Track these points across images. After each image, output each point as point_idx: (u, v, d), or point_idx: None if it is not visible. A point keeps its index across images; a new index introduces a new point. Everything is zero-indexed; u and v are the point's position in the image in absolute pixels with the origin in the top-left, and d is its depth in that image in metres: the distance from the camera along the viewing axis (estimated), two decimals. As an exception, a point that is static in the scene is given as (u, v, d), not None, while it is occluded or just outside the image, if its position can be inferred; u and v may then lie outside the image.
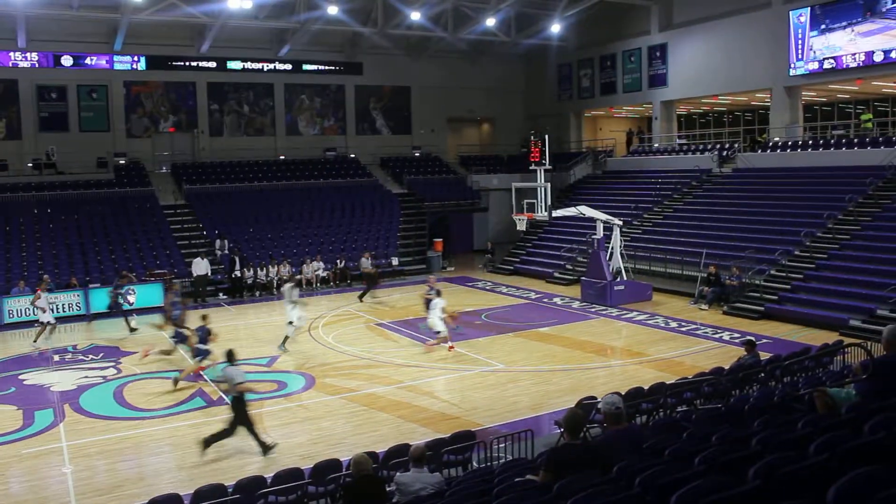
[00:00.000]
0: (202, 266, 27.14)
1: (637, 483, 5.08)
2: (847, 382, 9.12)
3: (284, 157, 37.94)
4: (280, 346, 19.38)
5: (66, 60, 32.90)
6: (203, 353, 16.73)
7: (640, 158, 37.88)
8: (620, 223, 25.80)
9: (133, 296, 25.13)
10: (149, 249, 28.82)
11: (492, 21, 34.60)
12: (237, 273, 27.91)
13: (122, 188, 32.19)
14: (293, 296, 19.92)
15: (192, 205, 32.64)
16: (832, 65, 28.72)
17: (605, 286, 24.44)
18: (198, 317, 17.68)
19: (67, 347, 20.41)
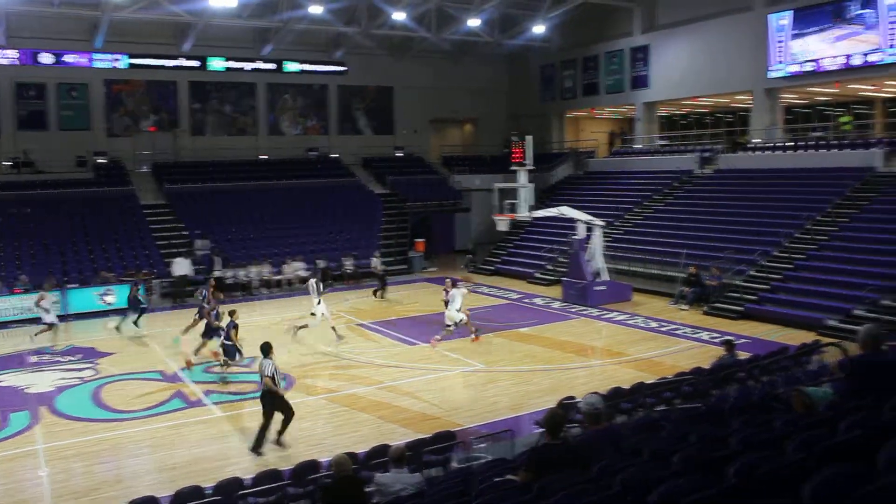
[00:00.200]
0: (183, 266, 26.98)
1: (617, 482, 5.09)
2: (824, 382, 9.22)
3: (267, 157, 37.77)
4: (293, 332, 20.14)
5: (46, 58, 32.44)
6: (230, 350, 16.95)
7: (622, 159, 38.04)
8: (602, 224, 25.88)
9: (112, 296, 24.94)
10: (129, 249, 28.57)
11: (475, 21, 34.62)
12: (217, 273, 27.71)
13: (102, 187, 31.87)
14: (319, 289, 20.54)
15: (173, 204, 32.40)
16: (812, 67, 28.98)
17: (586, 286, 24.52)
18: (226, 312, 17.92)
19: (45, 348, 20.18)
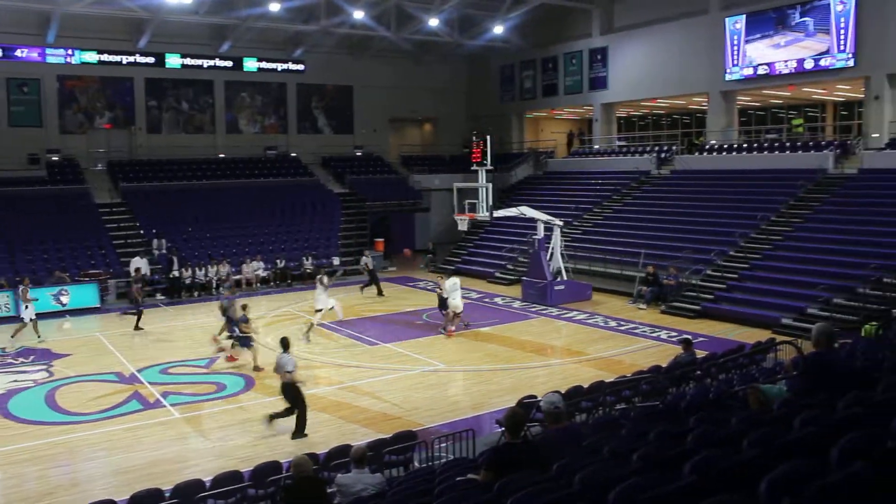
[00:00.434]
0: (140, 266, 26.55)
1: (576, 481, 5.13)
2: (779, 379, 9.39)
3: (224, 156, 37.34)
4: (304, 336, 20.03)
5: (-5, 52, 31.78)
6: (244, 341, 17.43)
7: (581, 160, 38.33)
8: (561, 224, 26.06)
9: (67, 296, 24.49)
10: (83, 249, 28.05)
11: (435, 21, 34.61)
12: (175, 273, 27.38)
13: (56, 185, 31.26)
14: (327, 284, 21.22)
15: (129, 203, 31.89)
16: (766, 71, 29.51)
17: (546, 286, 24.66)
18: (238, 306, 18.21)
19: (-2, 350, 19.77)
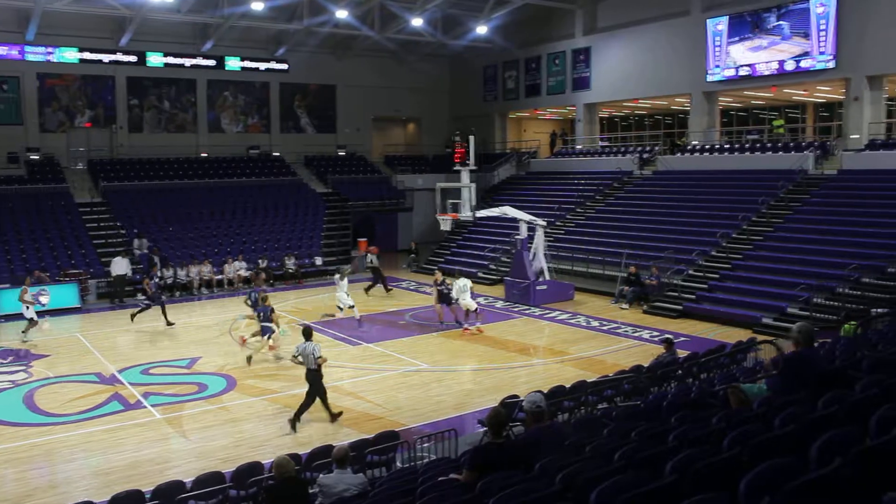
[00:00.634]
0: (121, 266, 26.35)
1: (558, 480, 5.15)
2: (759, 378, 9.46)
3: (206, 155, 37.13)
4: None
5: (-27, 49, 31.45)
6: (269, 331, 18.06)
7: (564, 160, 38.43)
8: (544, 224, 26.11)
9: (46, 296, 24.27)
10: (63, 249, 27.82)
11: (419, 21, 34.58)
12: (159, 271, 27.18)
13: (35, 184, 30.98)
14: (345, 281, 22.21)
15: (110, 202, 31.66)
16: (747, 72, 29.70)
17: (528, 286, 24.71)
18: (259, 298, 19.03)
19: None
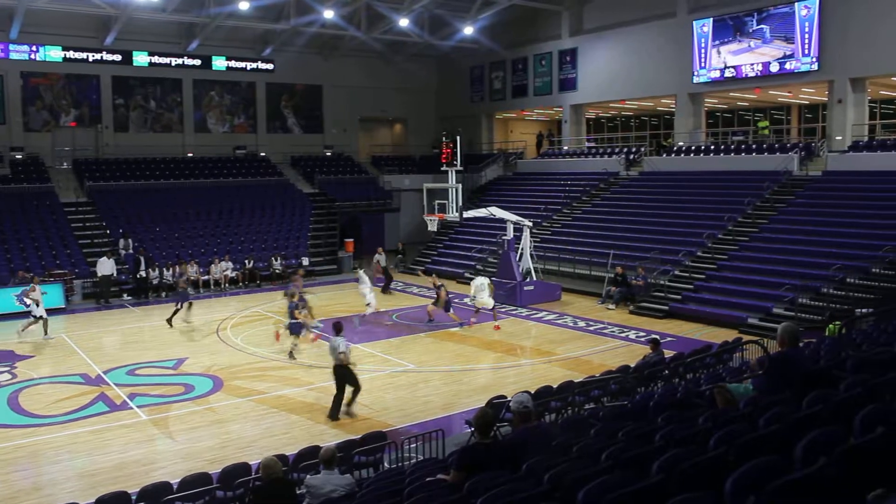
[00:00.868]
0: (107, 266, 26.21)
1: (546, 480, 5.15)
2: (745, 378, 9.51)
3: (193, 155, 37.00)
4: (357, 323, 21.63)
5: (-44, 48, 31.20)
6: (296, 328, 18.50)
7: (550, 161, 38.51)
8: (530, 224, 26.17)
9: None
10: (48, 249, 27.65)
11: (405, 22, 34.57)
12: (142, 273, 27.08)
13: (20, 184, 30.77)
14: (367, 278, 22.87)
15: (95, 202, 31.48)
16: (732, 74, 29.87)
17: (515, 286, 24.74)
18: (288, 294, 19.47)
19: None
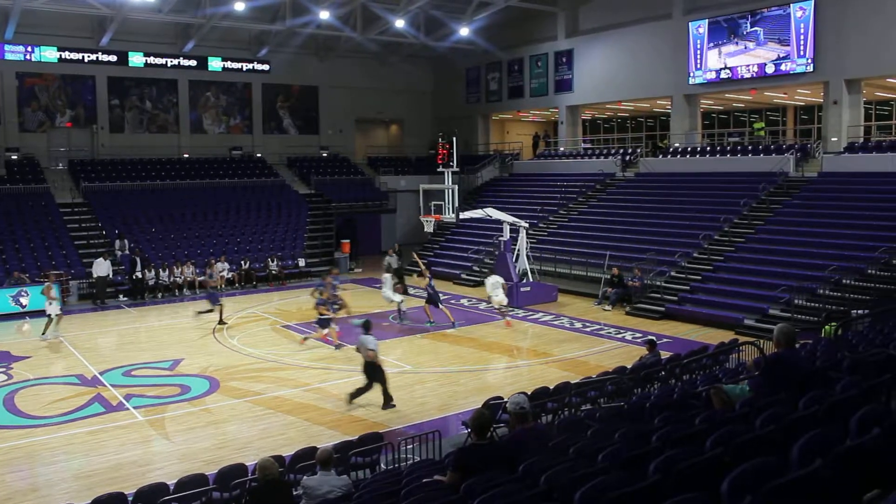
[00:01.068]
0: (103, 267, 26.14)
1: (542, 481, 5.16)
2: (741, 379, 9.53)
3: (188, 156, 36.98)
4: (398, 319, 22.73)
5: (-49, 48, 31.12)
6: (323, 322, 19.36)
7: (546, 162, 38.53)
8: (526, 225, 26.18)
9: (27, 298, 24.06)
10: (43, 249, 27.60)
11: (401, 23, 34.57)
12: (138, 274, 27.05)
13: (15, 185, 30.71)
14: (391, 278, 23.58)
15: (91, 203, 31.42)
16: (728, 75, 29.93)
17: (512, 288, 24.73)
18: (315, 291, 20.44)
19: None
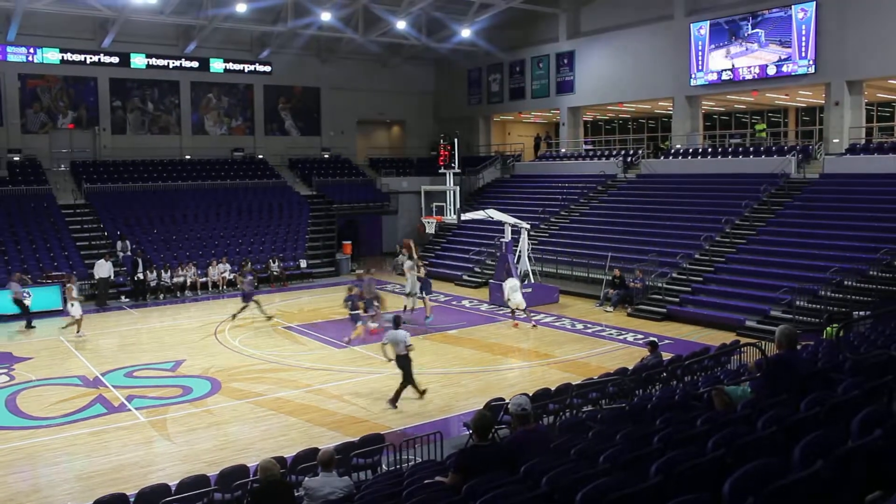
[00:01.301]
0: (105, 268, 26.14)
1: (544, 482, 5.16)
2: (743, 380, 9.52)
3: (190, 157, 36.99)
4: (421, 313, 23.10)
5: (-47, 49, 31.15)
6: (358, 319, 20.01)
7: (548, 163, 38.53)
8: (528, 227, 26.18)
9: (29, 299, 24.06)
10: (45, 251, 27.62)
11: (402, 24, 34.59)
12: (140, 275, 27.07)
13: (17, 186, 30.73)
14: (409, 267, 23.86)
15: (93, 204, 31.44)
16: (730, 76, 29.92)
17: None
18: (346, 289, 21.06)
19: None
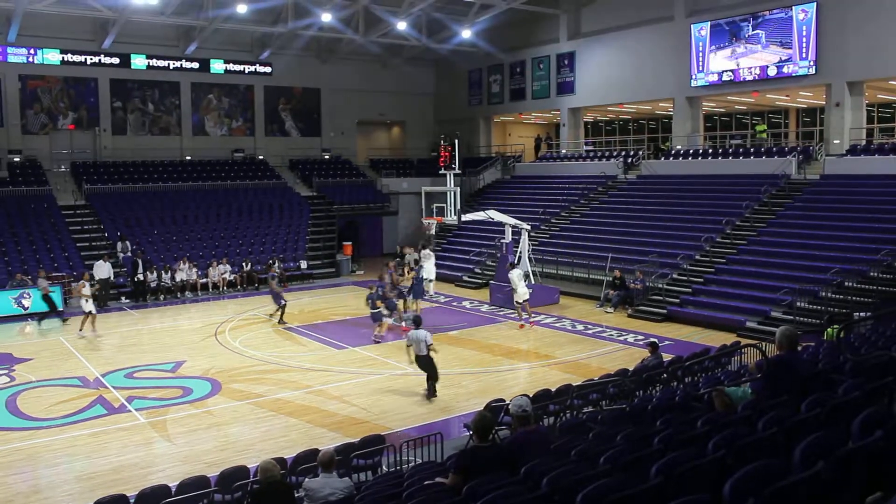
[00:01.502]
0: (104, 269, 26.16)
1: (544, 483, 5.16)
2: (743, 381, 9.51)
3: (191, 158, 37.01)
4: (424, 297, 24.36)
5: (-46, 50, 31.16)
6: (378, 317, 20.46)
7: (548, 164, 38.52)
8: (528, 227, 26.18)
9: (29, 300, 24.08)
10: (46, 252, 27.61)
11: (403, 25, 34.59)
12: (140, 276, 27.07)
13: (18, 187, 30.73)
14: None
15: (93, 205, 31.45)
16: (730, 77, 29.91)
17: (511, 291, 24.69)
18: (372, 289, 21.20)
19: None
